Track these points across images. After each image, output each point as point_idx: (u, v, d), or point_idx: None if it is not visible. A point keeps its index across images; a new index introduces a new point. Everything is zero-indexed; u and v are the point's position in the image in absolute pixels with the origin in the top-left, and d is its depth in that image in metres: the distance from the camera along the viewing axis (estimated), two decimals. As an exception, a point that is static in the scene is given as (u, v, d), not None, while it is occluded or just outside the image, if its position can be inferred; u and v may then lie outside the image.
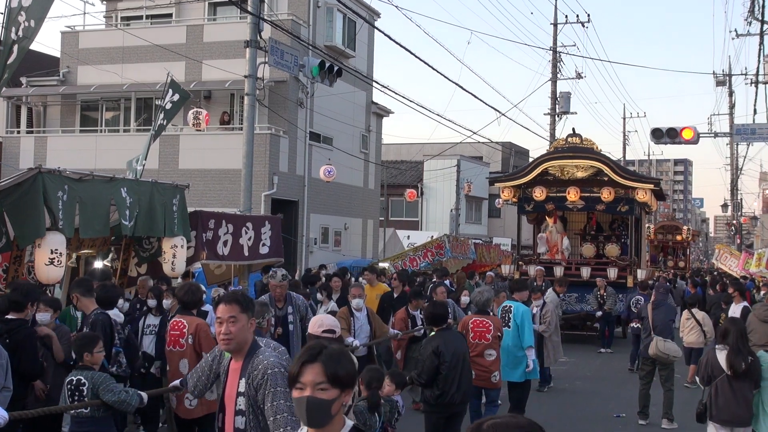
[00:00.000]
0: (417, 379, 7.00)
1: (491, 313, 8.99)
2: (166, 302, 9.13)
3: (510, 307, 9.46)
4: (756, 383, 6.53)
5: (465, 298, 13.08)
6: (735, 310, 12.29)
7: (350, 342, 8.67)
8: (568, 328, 17.29)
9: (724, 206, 50.06)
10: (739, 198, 49.14)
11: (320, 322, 5.20)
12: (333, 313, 9.53)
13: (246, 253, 11.45)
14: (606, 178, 17.98)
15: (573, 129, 20.65)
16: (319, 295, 11.10)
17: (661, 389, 10.02)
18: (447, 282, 16.71)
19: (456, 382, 6.99)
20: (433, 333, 7.24)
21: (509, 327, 9.25)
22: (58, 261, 7.28)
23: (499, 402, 9.04)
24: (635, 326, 13.86)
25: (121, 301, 8.90)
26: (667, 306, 10.77)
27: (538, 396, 11.55)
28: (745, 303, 12.50)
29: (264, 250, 11.84)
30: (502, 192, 19.10)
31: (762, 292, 17.78)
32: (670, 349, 9.83)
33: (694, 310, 12.34)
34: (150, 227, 8.97)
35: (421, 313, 10.04)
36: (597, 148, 18.55)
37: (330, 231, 26.51)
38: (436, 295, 10.74)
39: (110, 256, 10.11)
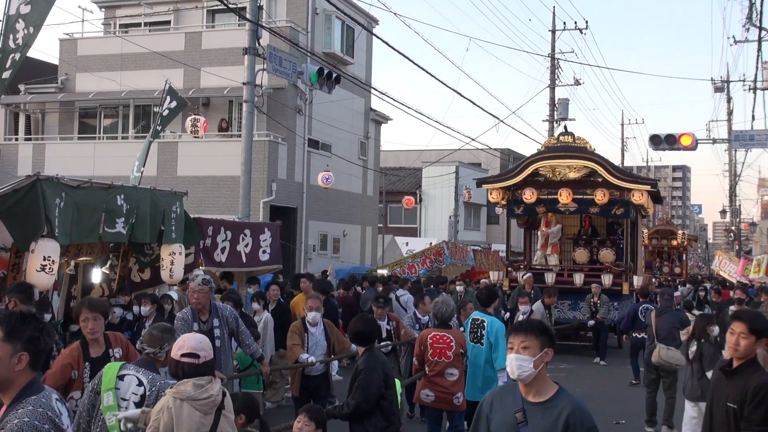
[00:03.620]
0: (353, 409, 5.73)
1: (456, 327, 8.05)
2: (144, 309, 9.11)
3: (483, 321, 8.32)
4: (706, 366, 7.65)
5: None
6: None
7: (305, 359, 7.93)
8: (560, 338, 16.11)
9: (723, 212, 50.11)
10: (737, 204, 49.19)
11: (180, 342, 4.16)
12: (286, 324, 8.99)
13: (244, 260, 11.44)
14: (600, 179, 17.01)
15: (565, 127, 19.87)
16: (255, 305, 10.31)
17: (663, 396, 9.99)
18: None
19: (395, 409, 6.06)
20: (363, 352, 6.04)
21: (482, 344, 8.16)
22: (49, 268, 7.23)
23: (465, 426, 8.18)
24: (637, 336, 13.09)
25: (119, 310, 8.88)
26: (672, 313, 10.69)
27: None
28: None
29: (264, 257, 11.83)
30: (491, 194, 18.05)
31: (762, 299, 17.71)
32: (672, 357, 9.75)
33: None
34: (148, 234, 8.94)
35: (388, 324, 9.29)
36: (590, 147, 17.51)
37: (329, 238, 26.49)
38: (424, 305, 10.04)
39: (109, 263, 10.09)
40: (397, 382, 6.27)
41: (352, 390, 5.82)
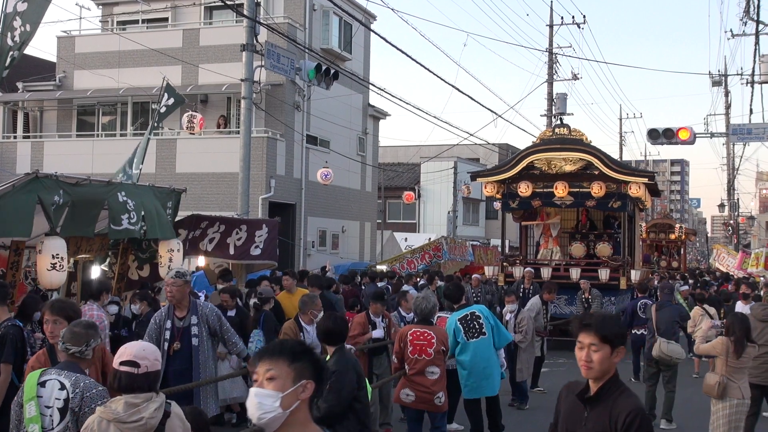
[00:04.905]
0: (324, 413, 5.23)
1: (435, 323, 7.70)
2: (135, 307, 9.11)
3: (474, 312, 8.15)
4: None
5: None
6: (747, 310, 12.22)
7: None
8: (557, 334, 15.92)
9: (721, 206, 50.10)
10: (735, 198, 49.19)
11: (122, 350, 3.68)
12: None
13: (232, 252, 11.50)
14: (596, 172, 16.59)
15: (560, 118, 19.75)
16: (252, 301, 10.12)
17: (663, 390, 10.02)
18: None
19: (369, 412, 5.64)
20: (332, 353, 5.61)
21: (484, 334, 7.99)
22: (60, 266, 7.29)
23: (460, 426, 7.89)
24: (636, 333, 12.74)
25: (115, 307, 8.90)
26: (672, 307, 10.71)
27: (532, 398, 11.41)
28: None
29: (255, 252, 11.84)
30: (485, 187, 17.63)
31: (762, 292, 17.74)
32: (673, 351, 9.78)
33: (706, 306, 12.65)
34: (157, 230, 8.94)
35: (383, 320, 8.96)
36: (586, 139, 17.08)
37: (327, 234, 26.51)
38: (406, 302, 9.53)
39: (108, 260, 10.12)
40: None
41: (322, 393, 5.27)
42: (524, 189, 16.95)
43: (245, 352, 7.16)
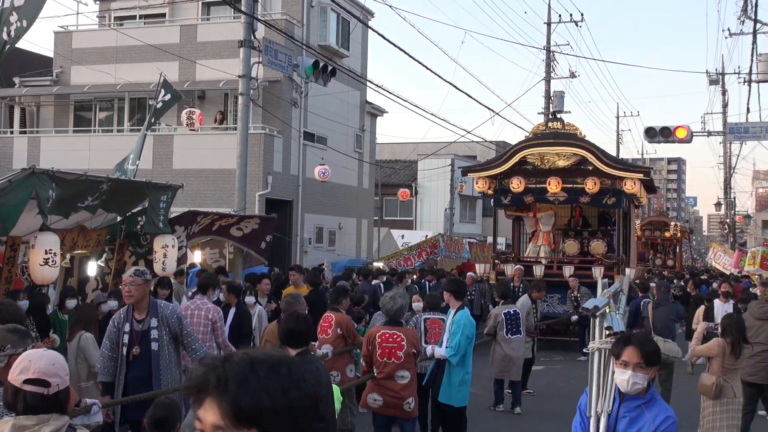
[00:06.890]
0: None
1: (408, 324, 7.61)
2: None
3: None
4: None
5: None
6: (726, 308, 12.26)
7: None
8: (550, 333, 15.99)
9: (718, 205, 50.20)
10: (732, 196, 49.27)
11: (25, 363, 2.93)
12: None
13: (213, 229, 11.65)
14: (591, 167, 16.17)
15: (554, 113, 19.51)
16: (249, 298, 9.81)
17: (659, 388, 10.06)
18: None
19: (333, 420, 5.34)
20: (295, 356, 5.04)
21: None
22: (52, 261, 7.29)
23: None
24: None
25: (113, 303, 8.88)
26: (668, 306, 10.73)
27: (529, 396, 11.42)
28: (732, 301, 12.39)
29: (237, 233, 11.94)
30: (477, 183, 17.24)
31: (758, 291, 17.75)
32: (670, 349, 9.77)
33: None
34: (110, 207, 8.85)
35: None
36: (580, 133, 16.71)
37: (324, 231, 26.50)
38: None
39: (104, 256, 10.11)
40: (336, 389, 5.61)
41: None
42: (516, 184, 16.63)
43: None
